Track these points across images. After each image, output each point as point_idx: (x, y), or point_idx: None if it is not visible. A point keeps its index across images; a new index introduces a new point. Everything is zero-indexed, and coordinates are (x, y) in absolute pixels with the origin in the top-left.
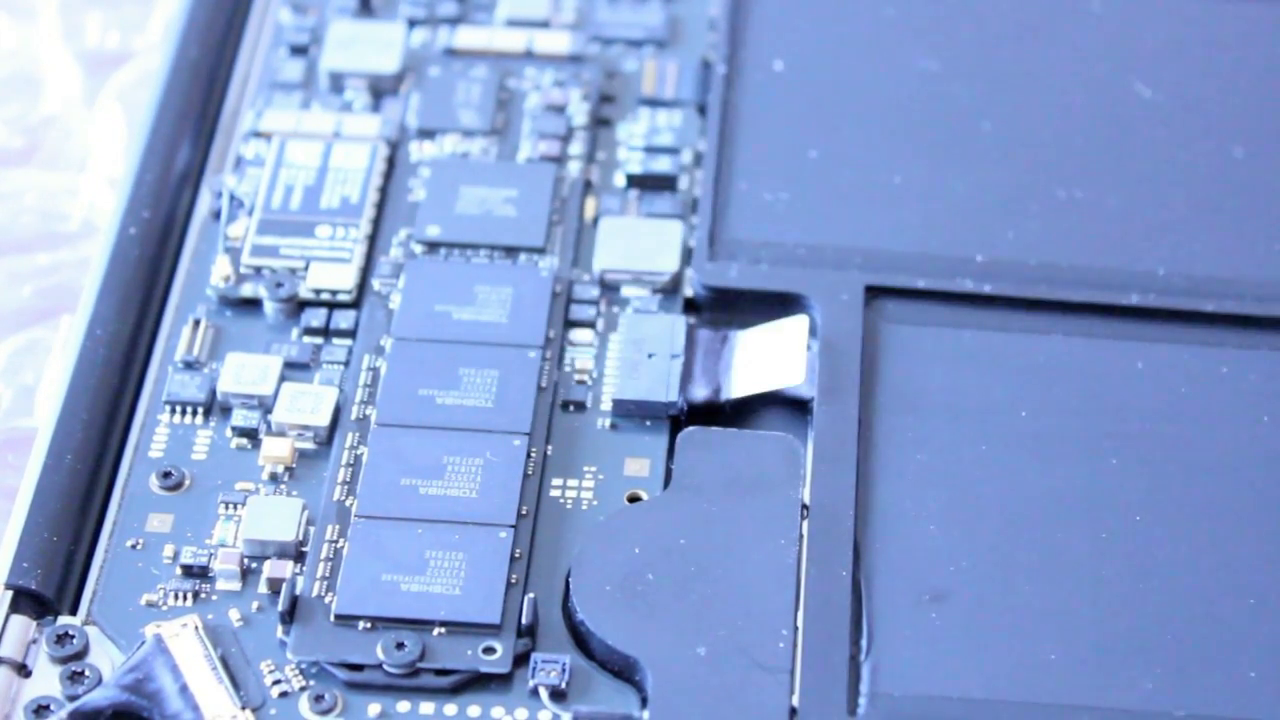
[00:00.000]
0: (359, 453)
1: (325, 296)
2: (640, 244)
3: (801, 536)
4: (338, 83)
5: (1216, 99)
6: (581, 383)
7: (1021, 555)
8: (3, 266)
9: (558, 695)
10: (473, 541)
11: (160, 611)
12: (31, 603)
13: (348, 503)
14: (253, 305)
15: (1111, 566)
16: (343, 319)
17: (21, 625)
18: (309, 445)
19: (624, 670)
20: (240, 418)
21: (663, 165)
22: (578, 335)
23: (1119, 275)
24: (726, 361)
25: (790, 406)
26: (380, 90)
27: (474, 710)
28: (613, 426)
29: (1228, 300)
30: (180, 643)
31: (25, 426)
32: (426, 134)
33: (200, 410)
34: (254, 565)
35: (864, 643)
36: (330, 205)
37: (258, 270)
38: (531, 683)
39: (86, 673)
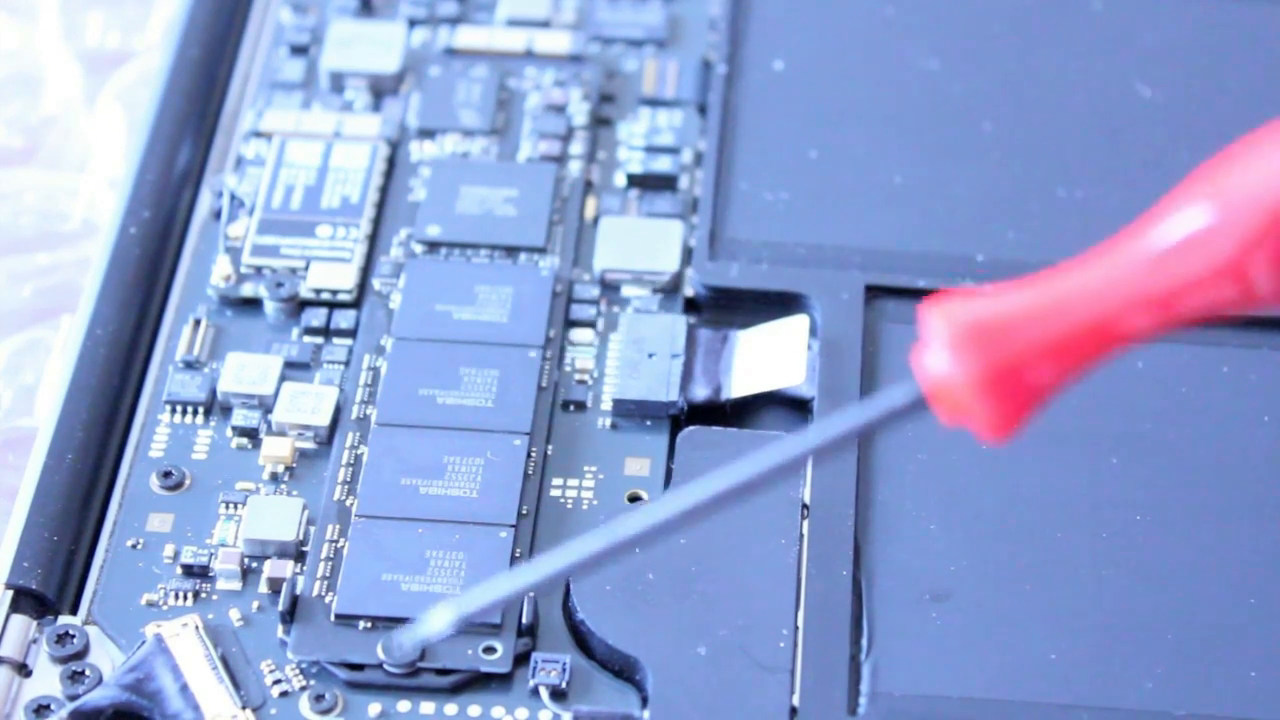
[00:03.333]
0: (359, 452)
1: (325, 296)
2: (640, 244)
3: (801, 536)
4: (338, 83)
5: (1216, 99)
6: (582, 382)
7: (1021, 555)
8: (3, 266)
9: (558, 695)
10: (473, 541)
11: (160, 611)
12: (32, 602)
13: (348, 502)
14: (253, 305)
15: (1112, 566)
16: (343, 319)
17: (22, 625)
18: (309, 445)
19: (624, 670)
20: (241, 417)
21: (663, 165)
22: (578, 335)
23: None
24: (727, 361)
25: (790, 406)
26: (380, 90)
27: (474, 710)
28: (613, 426)
29: None
30: (180, 642)
31: (25, 426)
32: (427, 134)
33: (200, 410)
34: (254, 565)
35: (864, 643)
36: (330, 205)
37: (258, 270)
38: (532, 682)
39: (87, 672)
